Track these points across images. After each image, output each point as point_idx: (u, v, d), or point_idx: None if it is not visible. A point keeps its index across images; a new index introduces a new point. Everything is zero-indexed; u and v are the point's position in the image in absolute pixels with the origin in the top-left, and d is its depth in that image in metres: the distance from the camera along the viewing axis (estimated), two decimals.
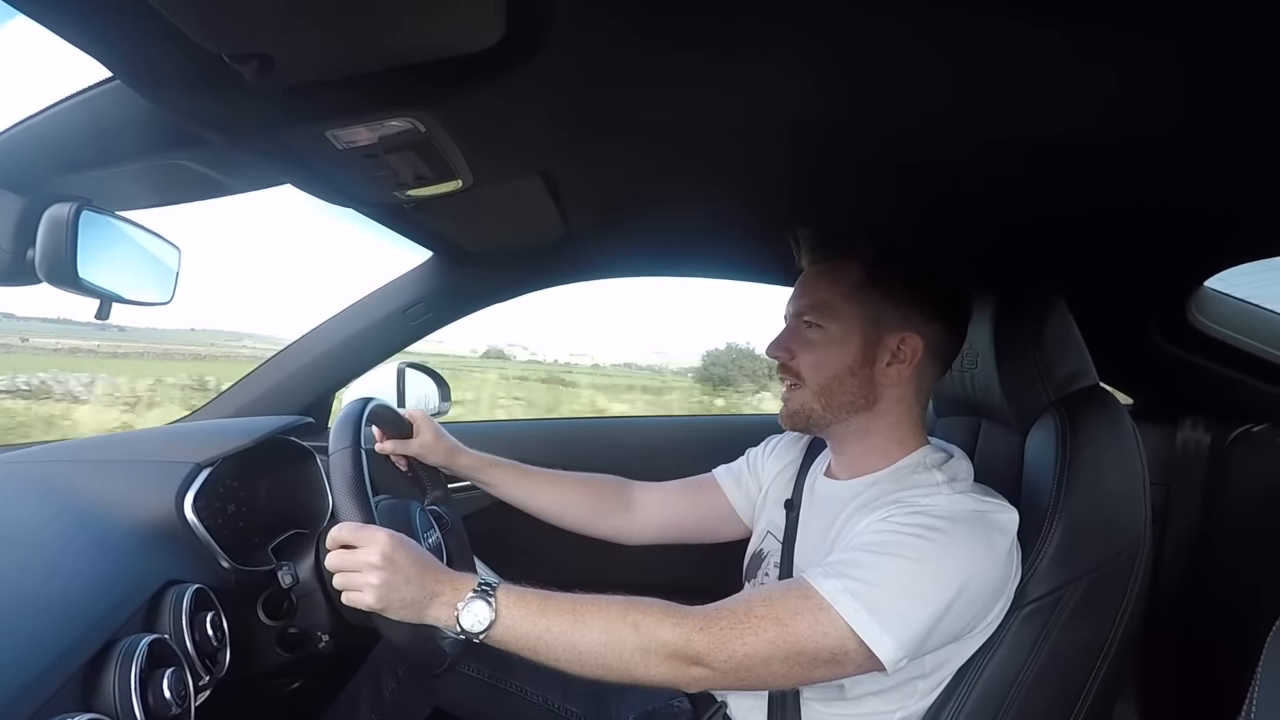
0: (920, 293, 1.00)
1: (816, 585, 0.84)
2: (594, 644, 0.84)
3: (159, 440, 1.19)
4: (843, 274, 1.01)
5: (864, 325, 0.99)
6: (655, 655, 0.83)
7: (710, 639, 0.83)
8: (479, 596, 0.86)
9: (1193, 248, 1.18)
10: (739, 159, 1.02)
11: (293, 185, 1.00)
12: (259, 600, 1.09)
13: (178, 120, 0.83)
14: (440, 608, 0.87)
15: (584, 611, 0.86)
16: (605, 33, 0.68)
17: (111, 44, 0.66)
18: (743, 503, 1.29)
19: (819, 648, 0.82)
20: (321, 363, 1.64)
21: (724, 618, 0.84)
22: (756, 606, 0.85)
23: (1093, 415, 1.01)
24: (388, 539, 0.88)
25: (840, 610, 0.82)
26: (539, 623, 0.86)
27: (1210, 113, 0.73)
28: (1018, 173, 0.95)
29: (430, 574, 0.88)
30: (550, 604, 0.87)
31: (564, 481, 1.32)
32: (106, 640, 0.76)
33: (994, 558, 0.87)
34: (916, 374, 1.01)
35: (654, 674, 0.84)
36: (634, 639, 0.84)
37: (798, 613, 0.83)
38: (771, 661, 0.83)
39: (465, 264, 1.61)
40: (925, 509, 0.88)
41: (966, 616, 0.87)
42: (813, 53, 0.71)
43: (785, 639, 0.82)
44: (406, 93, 0.73)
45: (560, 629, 0.85)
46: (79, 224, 0.91)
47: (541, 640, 0.85)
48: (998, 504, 0.91)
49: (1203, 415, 1.57)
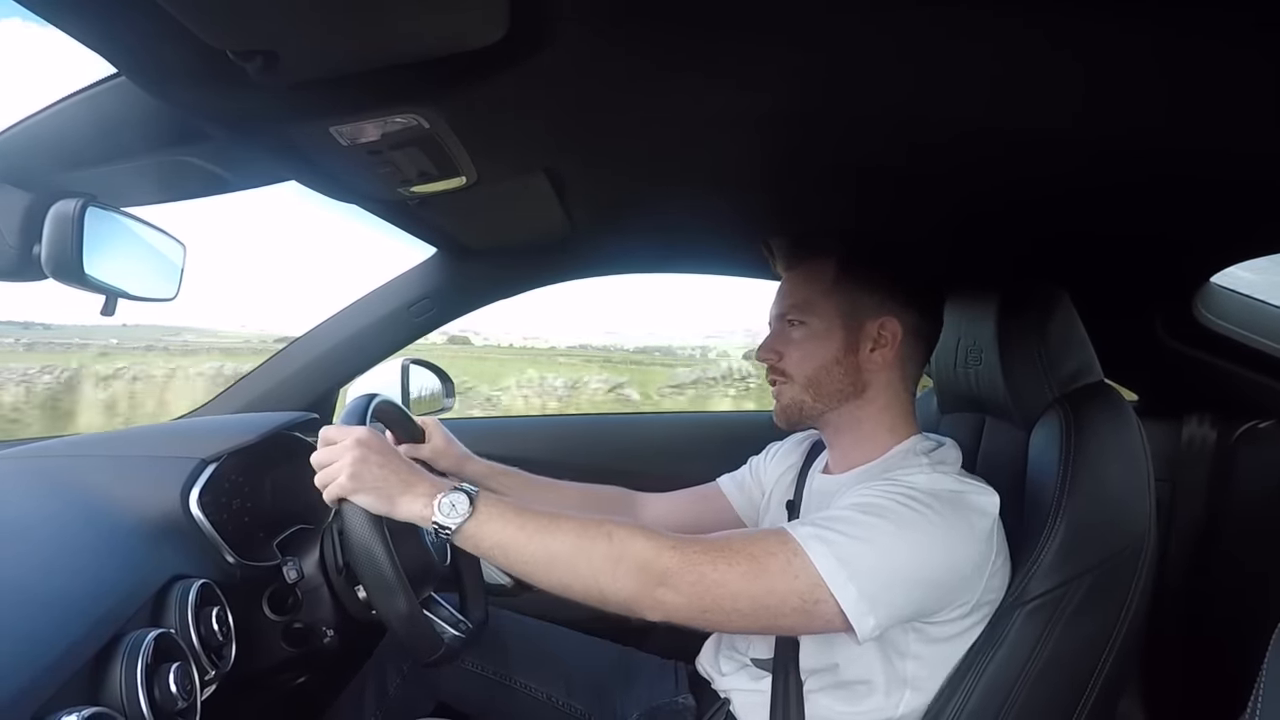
0: (893, 279, 1.04)
1: (793, 531, 0.86)
2: (566, 548, 0.85)
3: (164, 436, 1.19)
4: (819, 273, 1.05)
5: (844, 315, 1.03)
6: (625, 566, 0.83)
7: (681, 558, 0.83)
8: (459, 490, 0.87)
9: (1199, 243, 1.17)
10: (737, 156, 1.02)
11: (297, 182, 1.00)
12: (264, 595, 1.10)
13: (183, 116, 0.83)
14: (415, 500, 0.88)
15: (560, 518, 0.87)
16: (606, 30, 0.67)
17: (117, 40, 0.66)
18: (746, 509, 1.30)
19: (789, 590, 0.83)
20: (326, 359, 1.64)
21: (699, 544, 0.85)
22: (734, 541, 0.86)
23: (1097, 411, 1.01)
24: (366, 431, 0.91)
25: (812, 555, 0.83)
26: (514, 521, 0.87)
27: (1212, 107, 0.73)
28: (1018, 169, 0.95)
29: (406, 469, 0.91)
30: (528, 510, 0.88)
31: (570, 493, 1.32)
32: (113, 635, 0.76)
33: (971, 537, 0.88)
34: (900, 358, 1.03)
35: (621, 587, 0.84)
36: (606, 547, 0.84)
37: (772, 552, 0.84)
38: (739, 596, 0.83)
39: (469, 260, 1.61)
40: (907, 484, 0.90)
41: (940, 591, 0.88)
42: (815, 49, 0.71)
43: (756, 574, 0.83)
44: (410, 89, 0.73)
45: (534, 529, 0.86)
46: (85, 220, 0.92)
47: (514, 540, 0.86)
48: (978, 486, 0.92)
49: (1208, 411, 1.56)
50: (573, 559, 0.85)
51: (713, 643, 1.19)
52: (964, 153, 0.92)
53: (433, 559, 1.11)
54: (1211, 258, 1.25)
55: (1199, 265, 1.29)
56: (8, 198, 0.94)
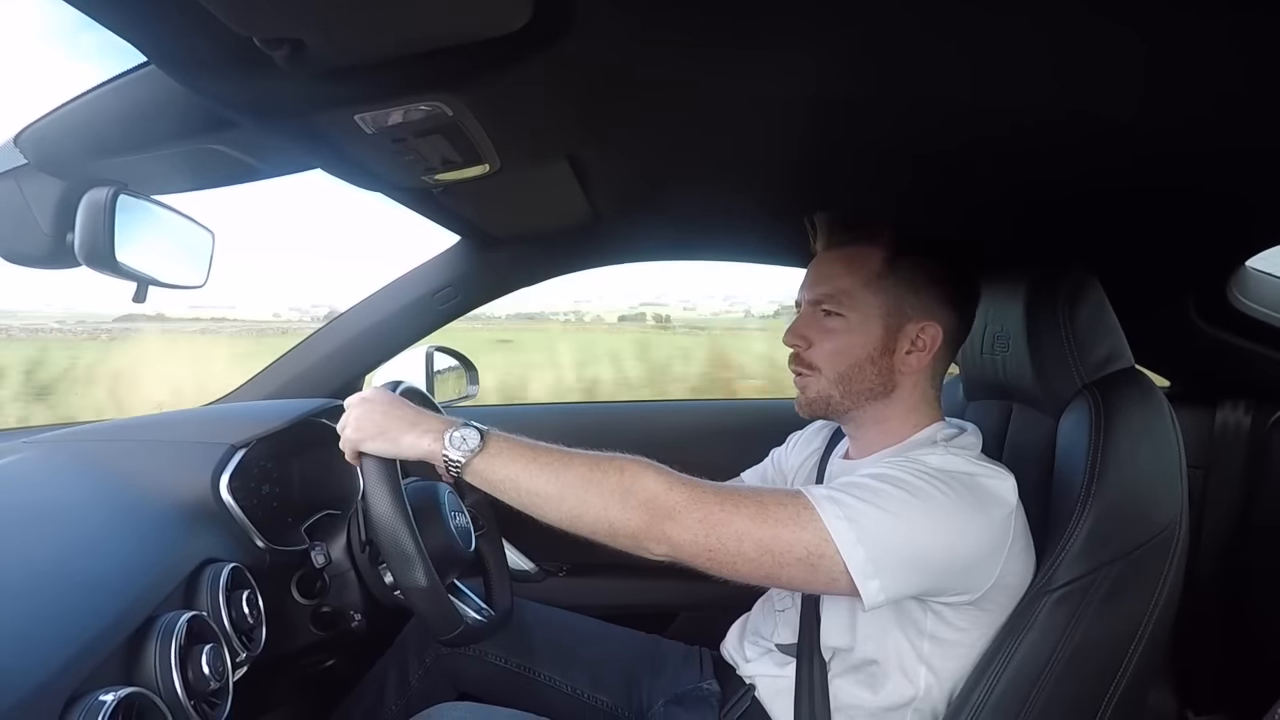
0: (942, 283, 1.00)
1: (807, 491, 0.86)
2: (577, 480, 0.85)
3: (196, 422, 1.21)
4: (862, 262, 1.00)
5: (885, 314, 0.99)
6: (635, 498, 0.83)
7: (690, 495, 0.83)
8: (469, 426, 0.88)
9: (1233, 227, 1.15)
10: (766, 141, 1.01)
11: (322, 169, 1.01)
12: (293, 579, 1.11)
13: (211, 105, 0.84)
14: (422, 436, 0.89)
15: (572, 453, 0.88)
16: (630, 14, 0.67)
17: (146, 29, 0.66)
18: None
19: (794, 539, 0.83)
20: (352, 346, 1.66)
21: (709, 486, 0.86)
22: (745, 490, 0.87)
23: (1127, 398, 0.99)
24: (369, 390, 0.95)
25: (821, 513, 0.83)
26: (525, 453, 0.87)
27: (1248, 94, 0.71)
28: (1050, 154, 0.94)
29: (413, 411, 0.93)
30: (539, 445, 0.89)
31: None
32: (147, 617, 0.78)
33: (984, 520, 0.87)
34: (933, 360, 1.01)
35: (629, 519, 0.83)
36: (617, 479, 0.84)
37: (782, 503, 0.85)
38: (744, 539, 0.83)
39: (493, 248, 1.61)
40: (921, 461, 0.89)
41: (950, 570, 0.87)
42: (839, 34, 0.70)
43: (763, 518, 0.83)
44: (434, 76, 0.73)
45: (546, 461, 0.86)
46: (116, 208, 0.93)
47: (525, 472, 0.86)
48: (992, 470, 0.91)
49: (1243, 397, 1.53)
50: (583, 491, 0.85)
51: (737, 628, 1.19)
52: (1002, 141, 0.91)
53: (457, 544, 1.11)
54: (1247, 241, 1.23)
55: (1234, 249, 1.26)
56: (42, 186, 0.95)
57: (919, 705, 0.95)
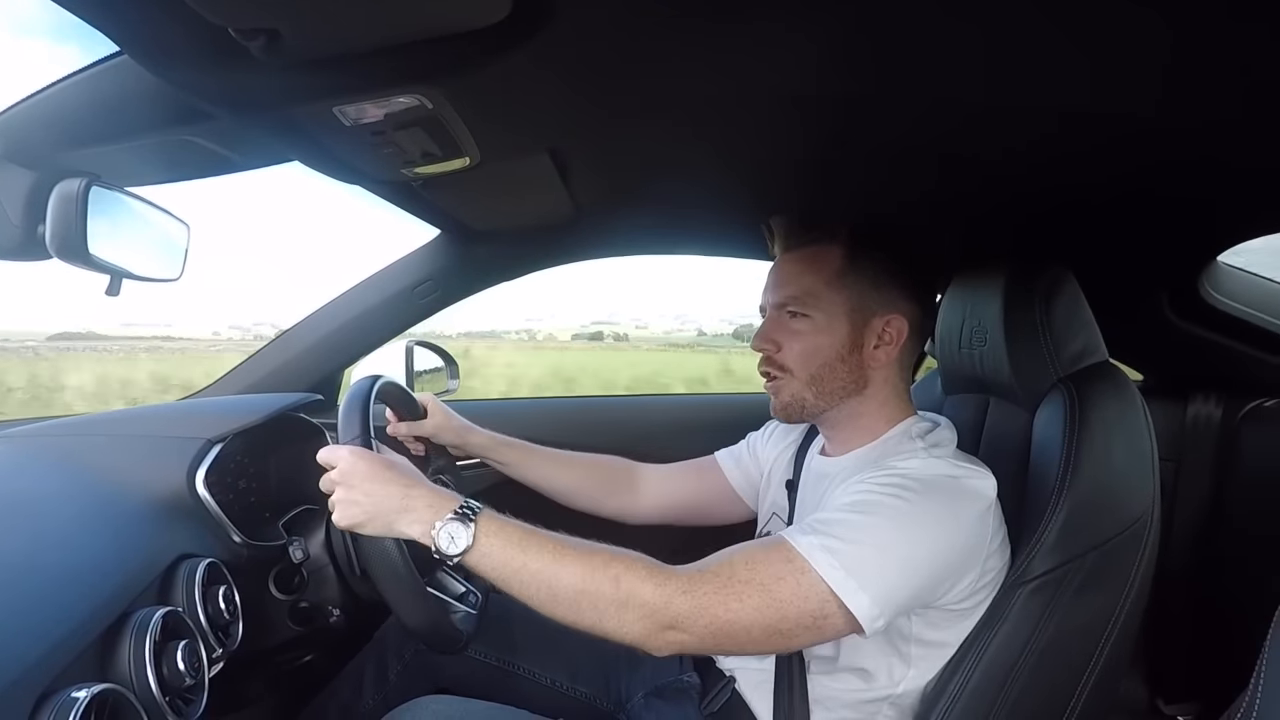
0: (902, 276, 1.01)
1: (795, 543, 0.84)
2: (570, 589, 0.83)
3: (171, 416, 1.20)
4: (823, 261, 1.01)
5: (850, 311, 1.00)
6: (632, 612, 0.82)
7: (692, 603, 0.82)
8: (458, 519, 0.85)
9: (1205, 222, 1.17)
10: (746, 136, 1.01)
11: (300, 162, 1.00)
12: (270, 575, 1.11)
13: (186, 95, 0.83)
14: (413, 524, 0.87)
15: (565, 554, 0.84)
16: (610, 8, 0.67)
17: (119, 18, 0.65)
18: (743, 484, 1.31)
19: (801, 612, 0.82)
20: (331, 340, 1.65)
21: (708, 581, 0.83)
22: (740, 570, 0.84)
23: (1101, 391, 1.01)
24: (346, 457, 0.90)
25: (819, 569, 0.82)
26: (517, 556, 0.84)
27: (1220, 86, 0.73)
28: (1023, 149, 0.95)
29: (400, 485, 0.88)
30: (532, 540, 0.85)
31: (573, 462, 1.34)
32: (121, 612, 0.77)
33: (967, 522, 0.88)
34: (901, 353, 1.02)
35: (627, 631, 0.83)
36: (612, 592, 0.82)
37: (780, 577, 0.83)
38: (753, 629, 0.82)
39: (474, 242, 1.61)
40: (901, 471, 0.89)
41: (939, 577, 0.88)
42: (818, 29, 0.70)
43: (769, 605, 0.82)
44: (414, 69, 0.72)
45: (538, 567, 0.84)
46: (89, 199, 0.91)
47: (517, 575, 0.84)
48: (973, 469, 0.92)
49: (1213, 390, 1.56)
50: (576, 601, 0.83)
51: None
52: (976, 133, 0.91)
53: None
54: (1218, 236, 1.25)
55: (1205, 244, 1.29)
56: (11, 177, 0.93)
57: (897, 699, 0.96)
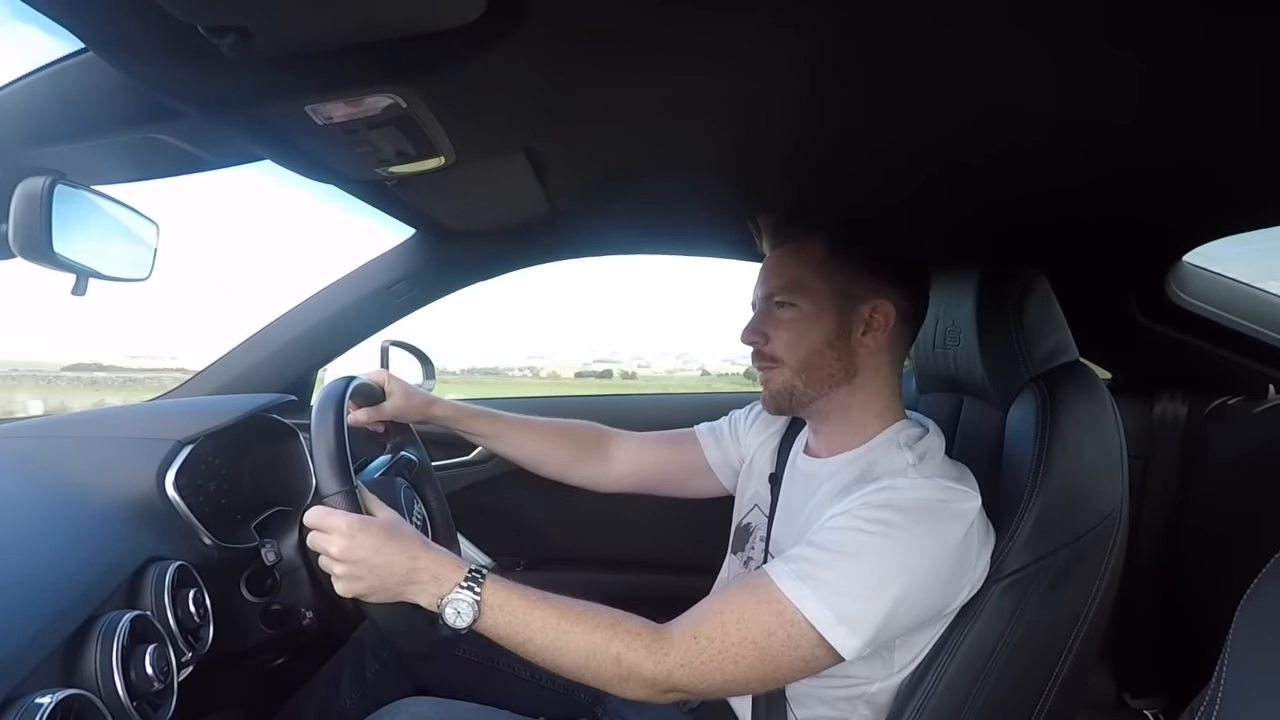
0: (887, 261, 1.02)
1: (783, 588, 0.85)
2: (573, 663, 0.86)
3: (140, 417, 1.18)
4: (808, 253, 1.02)
5: (836, 298, 1.00)
6: (633, 683, 0.85)
7: (690, 674, 0.84)
8: (465, 590, 0.86)
9: (1170, 223, 1.19)
10: (721, 137, 1.01)
11: (272, 161, 0.99)
12: (242, 577, 1.09)
13: (154, 93, 0.81)
14: (419, 595, 0.88)
15: (567, 630, 0.86)
16: (584, 8, 0.67)
17: (83, 14, 0.64)
18: (720, 462, 1.30)
19: (793, 659, 0.84)
20: (304, 340, 1.63)
21: (703, 649, 0.85)
22: (731, 631, 0.85)
23: (1072, 390, 1.02)
24: (346, 529, 0.87)
25: (809, 617, 0.83)
26: (520, 632, 0.86)
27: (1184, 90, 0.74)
28: (996, 153, 0.96)
29: (404, 557, 0.88)
30: (535, 614, 0.86)
31: (542, 429, 1.34)
32: (88, 617, 0.76)
33: (950, 547, 0.88)
34: (891, 341, 1.02)
35: (630, 695, 0.86)
36: (614, 670, 0.85)
37: (771, 632, 0.84)
38: (750, 681, 0.86)
39: (449, 241, 1.60)
40: (887, 498, 0.89)
41: (926, 604, 0.88)
42: (792, 33, 0.70)
43: (763, 659, 0.84)
44: (387, 67, 0.72)
45: (542, 642, 0.86)
46: (53, 198, 0.90)
47: (521, 647, 0.87)
48: (959, 490, 0.91)
49: (1180, 389, 1.59)
50: (580, 673, 0.86)
51: None
52: (947, 135, 0.92)
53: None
54: (1182, 238, 1.27)
55: (1171, 245, 1.31)
56: None
57: (872, 697, 0.97)
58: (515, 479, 1.36)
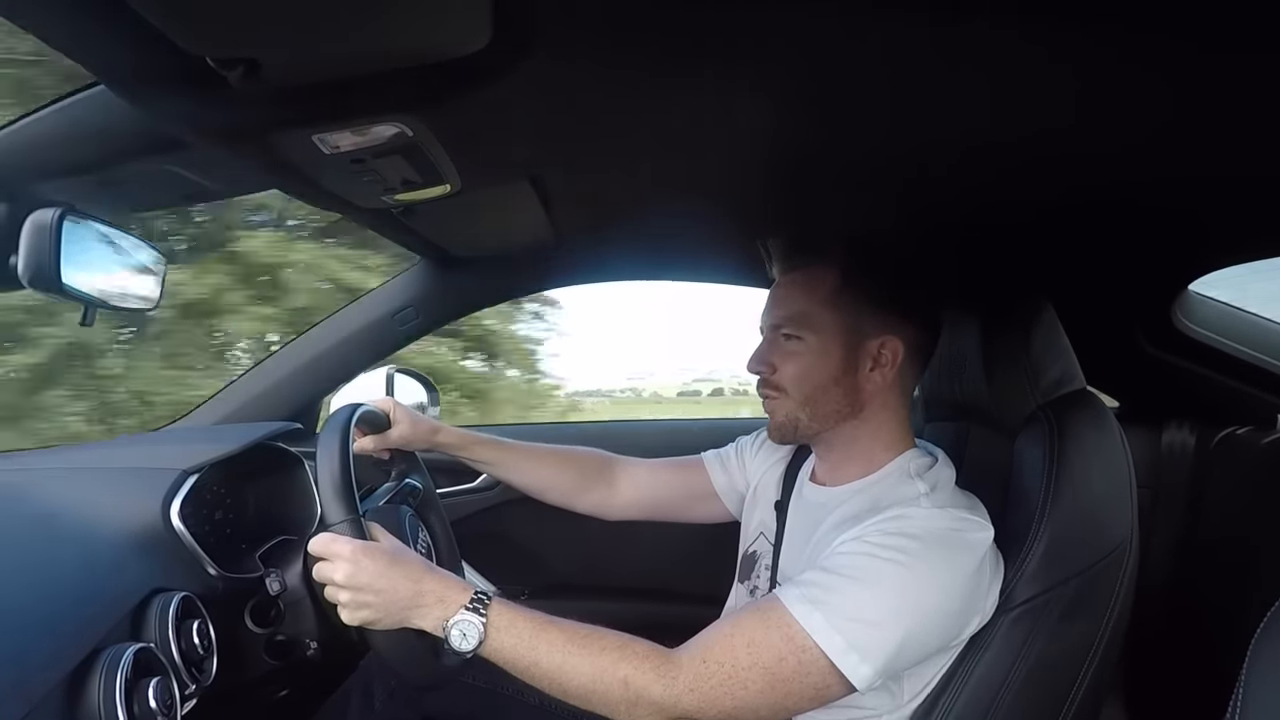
0: (898, 296, 1.00)
1: (794, 613, 0.84)
2: (580, 688, 0.84)
3: (144, 447, 1.18)
4: (818, 283, 1.00)
5: (844, 333, 0.99)
6: (642, 709, 0.83)
7: (700, 699, 0.83)
8: (471, 612, 0.85)
9: (1176, 252, 1.19)
10: (723, 167, 1.02)
11: (279, 190, 1.00)
12: (246, 608, 1.08)
13: (163, 125, 0.82)
14: (424, 618, 0.86)
15: (574, 653, 0.84)
16: (590, 38, 0.68)
17: (94, 48, 0.65)
18: (727, 488, 1.29)
19: (804, 686, 0.83)
20: (310, 368, 1.63)
21: (713, 674, 0.83)
22: (741, 656, 0.84)
23: (1080, 419, 1.02)
24: (349, 556, 0.86)
25: (820, 644, 0.82)
26: (526, 655, 0.85)
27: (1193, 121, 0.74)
28: (1002, 182, 0.96)
29: (409, 581, 0.87)
30: (541, 637, 0.85)
31: (547, 456, 1.32)
32: (91, 649, 0.75)
33: (963, 577, 0.87)
34: (899, 376, 1.01)
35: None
36: (621, 693, 0.83)
37: (782, 658, 0.83)
38: (760, 709, 0.84)
39: (454, 268, 1.60)
40: (900, 527, 0.88)
41: (938, 635, 0.87)
42: (795, 65, 0.71)
43: (773, 686, 0.83)
44: (394, 97, 0.72)
45: (548, 666, 0.84)
46: (62, 230, 0.90)
47: (526, 671, 0.85)
48: (972, 520, 0.91)
49: (1188, 418, 1.58)
50: (586, 699, 0.84)
51: None
52: (959, 167, 0.93)
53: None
54: (1188, 267, 1.27)
55: (1176, 274, 1.31)
56: None
57: None
58: (521, 506, 1.35)
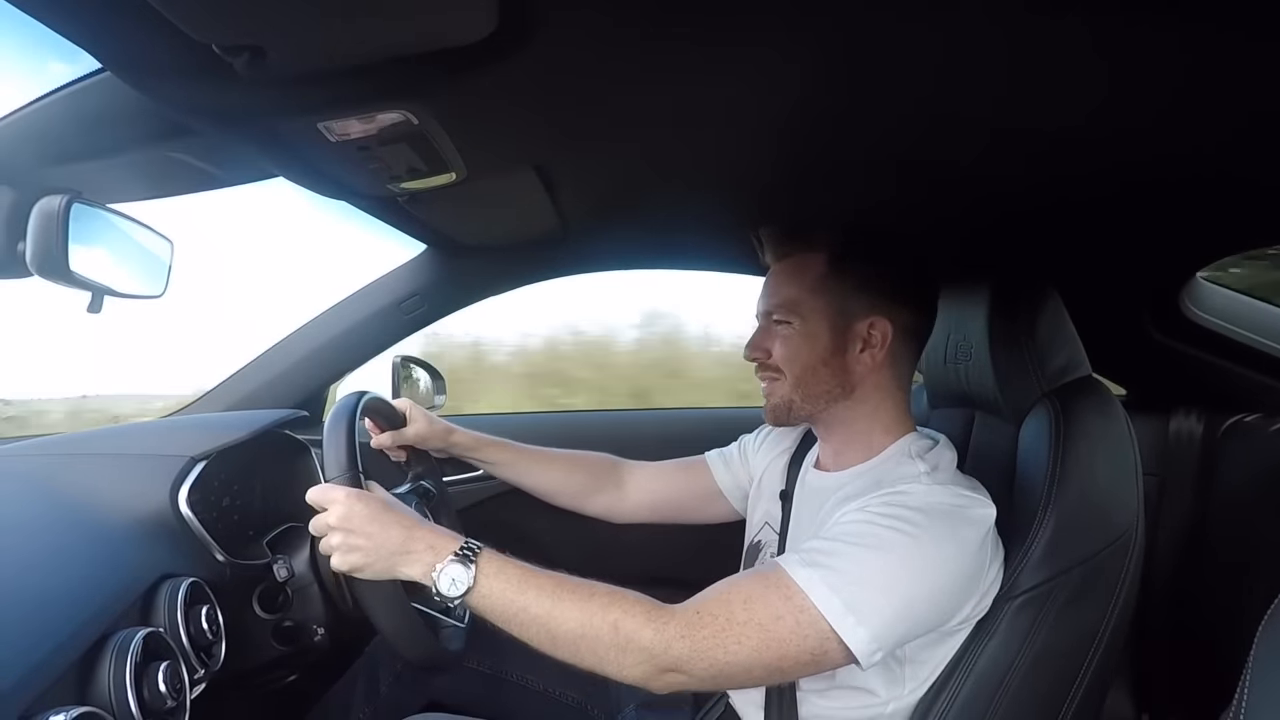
0: (883, 277, 1.01)
1: (794, 576, 0.84)
2: (569, 633, 0.83)
3: (153, 434, 1.19)
4: (806, 269, 1.02)
5: (831, 316, 1.00)
6: (631, 656, 0.82)
7: (691, 647, 0.82)
8: (459, 560, 0.85)
9: (1185, 239, 1.18)
10: (732, 152, 1.02)
11: (285, 178, 1.00)
12: (254, 594, 1.09)
13: (169, 112, 0.82)
14: (413, 565, 0.86)
15: (564, 598, 0.84)
16: (594, 25, 0.67)
17: (101, 35, 0.65)
18: (731, 486, 1.30)
19: (800, 650, 0.82)
20: (316, 356, 1.64)
21: (706, 624, 0.82)
22: (738, 610, 0.83)
23: (1085, 406, 1.01)
24: (343, 499, 0.88)
25: (818, 605, 0.81)
26: (516, 600, 0.84)
27: (1203, 106, 0.74)
28: (1009, 167, 0.95)
29: (400, 527, 0.88)
30: (531, 582, 0.85)
31: (557, 460, 1.34)
32: (101, 634, 0.76)
33: (965, 552, 0.87)
34: (891, 358, 1.01)
35: (626, 673, 0.83)
36: (611, 637, 0.82)
37: (779, 616, 0.82)
38: (753, 668, 0.83)
39: (460, 257, 1.61)
40: (902, 500, 0.88)
41: (937, 609, 0.87)
42: (802, 45, 0.71)
43: (768, 645, 0.82)
44: (399, 85, 0.72)
45: (538, 611, 0.84)
46: (70, 216, 0.91)
47: (516, 618, 0.85)
48: (974, 498, 0.91)
49: (1195, 405, 1.57)
50: (575, 645, 0.83)
51: None
52: (964, 151, 0.92)
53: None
54: (1196, 254, 1.26)
55: (1184, 261, 1.30)
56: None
57: (888, 717, 0.95)
58: (525, 495, 1.35)
